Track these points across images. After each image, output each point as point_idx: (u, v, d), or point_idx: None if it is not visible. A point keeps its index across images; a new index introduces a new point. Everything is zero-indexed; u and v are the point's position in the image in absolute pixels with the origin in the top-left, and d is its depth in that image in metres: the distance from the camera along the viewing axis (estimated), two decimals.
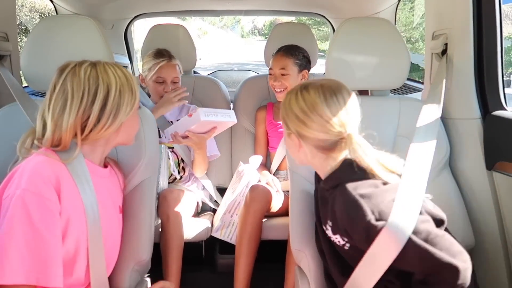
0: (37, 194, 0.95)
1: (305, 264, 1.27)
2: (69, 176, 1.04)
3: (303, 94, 1.06)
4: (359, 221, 0.94)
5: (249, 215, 1.74)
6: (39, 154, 1.03)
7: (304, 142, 1.07)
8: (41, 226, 0.94)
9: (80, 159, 1.07)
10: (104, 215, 1.11)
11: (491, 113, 1.43)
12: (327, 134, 1.03)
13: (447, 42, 1.52)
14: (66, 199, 1.01)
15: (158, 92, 1.93)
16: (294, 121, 1.06)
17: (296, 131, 1.07)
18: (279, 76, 1.97)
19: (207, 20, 20.92)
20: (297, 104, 1.06)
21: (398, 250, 0.91)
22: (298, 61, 1.97)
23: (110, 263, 1.18)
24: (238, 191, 1.84)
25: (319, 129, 1.03)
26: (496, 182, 1.39)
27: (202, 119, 1.63)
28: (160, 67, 1.91)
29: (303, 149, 1.09)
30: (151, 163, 1.35)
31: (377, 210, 0.94)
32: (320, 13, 3.03)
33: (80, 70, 1.05)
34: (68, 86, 1.04)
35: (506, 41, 2.34)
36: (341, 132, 1.02)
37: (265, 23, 23.74)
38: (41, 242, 0.94)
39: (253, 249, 1.75)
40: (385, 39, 1.51)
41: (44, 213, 0.95)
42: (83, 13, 2.59)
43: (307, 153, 1.09)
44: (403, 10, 5.84)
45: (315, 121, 1.03)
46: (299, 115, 1.05)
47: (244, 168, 1.90)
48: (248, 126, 2.21)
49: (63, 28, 1.40)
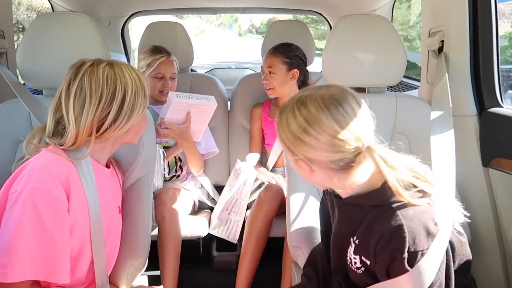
0: (47, 193, 0.95)
1: (302, 260, 1.27)
2: (77, 175, 1.04)
3: (302, 111, 0.89)
4: (396, 246, 0.85)
5: (261, 214, 1.74)
6: (49, 151, 1.03)
7: (315, 167, 0.92)
8: (51, 225, 0.94)
9: (87, 159, 1.07)
10: (105, 215, 1.11)
11: (487, 110, 1.43)
12: (342, 153, 0.87)
13: (443, 39, 1.52)
14: (74, 198, 1.01)
15: (156, 88, 1.94)
16: (298, 146, 0.90)
17: (304, 156, 0.91)
18: (268, 74, 2.00)
19: (205, 18, 20.87)
20: (297, 125, 0.89)
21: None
22: (288, 59, 1.98)
23: (110, 263, 1.19)
24: (235, 189, 1.84)
25: (331, 149, 0.87)
26: (492, 179, 1.40)
27: (173, 100, 1.58)
28: (160, 62, 1.92)
29: (316, 173, 0.93)
30: (148, 161, 1.35)
31: (413, 243, 0.85)
32: (317, 10, 3.04)
33: (98, 70, 1.04)
34: (86, 85, 1.02)
35: (503, 40, 2.34)
36: (358, 147, 0.87)
37: (262, 21, 23.70)
38: (51, 240, 0.95)
39: (260, 247, 1.75)
40: (382, 36, 1.51)
41: (53, 212, 0.96)
42: (80, 11, 2.57)
43: (323, 177, 0.93)
44: (400, 8, 5.83)
45: (324, 142, 0.87)
46: (303, 138, 0.88)
47: (241, 166, 1.91)
48: (246, 123, 2.21)
49: (59, 25, 1.39)
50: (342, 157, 0.88)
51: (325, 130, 0.86)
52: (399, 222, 0.86)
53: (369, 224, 0.91)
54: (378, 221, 0.89)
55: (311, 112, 0.87)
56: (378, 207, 0.91)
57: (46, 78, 1.38)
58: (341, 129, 0.86)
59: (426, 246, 0.86)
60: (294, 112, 0.90)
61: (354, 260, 0.95)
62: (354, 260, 0.95)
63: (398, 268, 0.86)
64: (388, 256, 0.87)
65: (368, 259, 0.92)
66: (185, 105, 1.69)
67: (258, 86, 2.26)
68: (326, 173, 0.92)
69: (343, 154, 0.87)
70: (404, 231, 0.85)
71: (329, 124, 0.86)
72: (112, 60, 1.11)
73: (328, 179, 0.93)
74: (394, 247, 0.85)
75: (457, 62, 1.49)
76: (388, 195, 0.89)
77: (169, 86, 1.94)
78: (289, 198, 1.36)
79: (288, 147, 0.93)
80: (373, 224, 0.90)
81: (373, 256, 0.90)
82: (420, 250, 0.85)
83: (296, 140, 0.90)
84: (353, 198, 0.95)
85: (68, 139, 1.02)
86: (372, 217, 0.91)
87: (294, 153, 0.92)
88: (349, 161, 0.89)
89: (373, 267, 0.92)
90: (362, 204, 0.94)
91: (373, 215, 0.91)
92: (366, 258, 0.92)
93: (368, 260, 0.92)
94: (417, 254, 0.85)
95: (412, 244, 0.85)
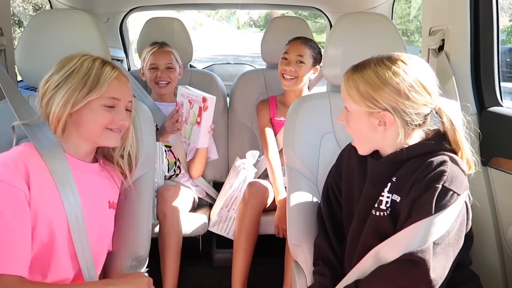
0: (5, 182, 0.98)
1: (302, 259, 1.28)
2: (44, 167, 1.06)
3: (390, 61, 0.98)
4: (435, 176, 0.93)
5: (247, 211, 1.75)
6: (20, 146, 1.10)
7: (399, 119, 0.98)
8: (7, 212, 0.96)
9: (56, 152, 1.09)
10: (90, 208, 1.12)
11: (487, 109, 1.44)
12: (425, 107, 0.97)
13: (444, 38, 1.52)
14: (36, 188, 1.02)
15: (151, 79, 1.94)
16: (392, 96, 0.95)
17: (392, 107, 0.96)
18: (294, 63, 1.90)
19: (203, 11, 20.74)
20: (387, 69, 0.96)
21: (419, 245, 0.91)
22: (315, 54, 1.94)
23: (98, 258, 1.19)
24: (235, 186, 1.84)
25: (423, 101, 0.96)
26: (491, 178, 1.40)
27: (179, 87, 1.77)
28: (153, 53, 1.94)
29: (392, 128, 0.99)
30: (148, 159, 1.34)
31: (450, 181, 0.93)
32: (317, 6, 3.02)
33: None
34: None
35: (501, 34, 2.33)
36: (435, 105, 0.98)
37: (260, 15, 23.58)
38: (7, 228, 0.96)
39: (251, 243, 1.76)
40: (382, 34, 1.51)
41: (10, 200, 0.98)
42: (78, 7, 2.56)
43: (392, 133, 1.00)
44: (399, 2, 5.81)
45: (421, 93, 0.95)
46: (402, 87, 0.95)
47: (241, 163, 1.91)
48: (245, 120, 2.21)
49: (58, 23, 1.38)
50: (425, 112, 0.98)
51: (423, 83, 0.96)
52: (445, 159, 0.95)
53: (415, 162, 0.99)
54: (426, 158, 0.97)
55: (400, 62, 0.97)
56: (426, 155, 0.98)
57: (45, 75, 1.37)
58: (430, 84, 0.97)
59: (458, 191, 0.93)
60: (382, 62, 0.98)
61: (385, 200, 1.01)
62: (384, 201, 1.01)
63: (425, 200, 0.92)
64: (424, 185, 0.94)
65: (400, 195, 0.99)
66: (188, 96, 1.75)
67: (258, 83, 2.25)
68: (403, 129, 0.98)
69: (428, 108, 0.97)
70: (447, 166, 0.94)
71: (424, 78, 0.96)
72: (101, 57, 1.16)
73: (395, 135, 0.99)
74: (433, 177, 0.93)
75: (457, 61, 1.48)
76: (439, 146, 0.99)
77: (164, 76, 1.93)
78: (289, 196, 1.36)
79: (370, 97, 0.98)
80: (421, 160, 0.98)
81: (408, 188, 0.97)
82: (453, 190, 0.92)
83: (384, 86, 0.96)
84: (400, 152, 1.01)
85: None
86: (418, 159, 0.99)
87: (378, 102, 0.97)
88: (422, 119, 0.99)
89: (400, 205, 0.98)
90: (411, 156, 1.00)
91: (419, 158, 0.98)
92: (398, 195, 0.99)
93: (399, 197, 0.99)
94: (448, 192, 0.92)
95: (449, 181, 0.93)
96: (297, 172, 1.38)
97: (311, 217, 1.29)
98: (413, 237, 0.92)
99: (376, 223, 1.03)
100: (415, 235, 0.91)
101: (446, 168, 0.94)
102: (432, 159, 0.96)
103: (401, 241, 0.94)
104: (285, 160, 1.43)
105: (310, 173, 1.38)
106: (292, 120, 1.42)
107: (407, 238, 0.92)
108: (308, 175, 1.38)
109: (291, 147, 1.39)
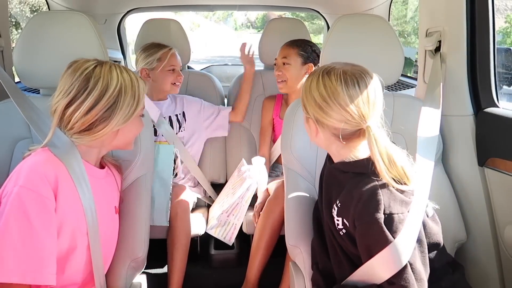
0: (34, 191, 0.96)
1: (300, 260, 1.29)
2: (67, 175, 1.04)
3: (324, 79, 1.02)
4: (371, 210, 0.93)
5: (274, 213, 1.72)
6: (41, 151, 1.04)
7: (321, 129, 1.05)
8: (37, 223, 0.94)
9: (77, 159, 1.07)
10: (100, 215, 1.11)
11: (484, 110, 1.44)
12: (346, 124, 1.00)
13: (440, 39, 1.53)
14: (62, 198, 1.01)
15: (169, 80, 1.96)
16: (313, 107, 1.03)
17: (314, 117, 1.04)
18: (281, 66, 1.96)
19: (200, 13, 20.74)
20: (317, 90, 1.02)
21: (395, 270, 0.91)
22: (303, 52, 1.94)
23: (106, 263, 1.19)
24: (239, 194, 1.83)
25: (338, 118, 1.00)
26: (487, 178, 1.41)
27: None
28: (171, 55, 1.96)
29: (320, 135, 1.07)
30: (146, 161, 1.35)
31: (388, 206, 0.94)
32: (314, 8, 3.03)
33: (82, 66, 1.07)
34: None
35: (497, 35, 2.33)
36: (360, 123, 0.99)
37: (257, 16, 23.64)
38: (37, 239, 0.95)
39: (272, 243, 1.74)
40: (379, 36, 1.51)
41: (40, 210, 0.96)
42: (76, 8, 2.55)
43: (324, 140, 1.07)
44: (395, 3, 5.82)
45: (334, 110, 0.99)
46: (319, 101, 1.02)
47: (246, 170, 1.88)
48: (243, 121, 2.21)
49: (56, 24, 1.38)
50: (346, 128, 1.00)
51: (338, 101, 0.99)
52: (375, 186, 0.96)
53: (349, 189, 1.01)
54: (358, 186, 0.98)
55: (332, 82, 1.00)
56: (359, 175, 1.01)
57: (43, 77, 1.37)
58: (351, 104, 0.98)
59: (401, 211, 0.94)
60: (318, 78, 1.03)
61: (337, 222, 1.04)
62: (337, 222, 1.04)
63: (377, 232, 0.92)
64: (366, 217, 0.94)
65: (348, 222, 1.00)
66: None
67: (255, 84, 2.25)
68: (328, 137, 1.05)
69: (347, 125, 1.00)
70: (380, 194, 0.94)
71: (343, 97, 0.98)
72: (110, 62, 1.11)
73: (328, 142, 1.07)
74: (371, 209, 0.93)
75: (454, 62, 1.49)
76: (370, 167, 0.99)
77: (181, 77, 1.99)
78: (286, 197, 1.36)
79: (304, 105, 1.07)
80: (353, 189, 0.99)
81: (352, 220, 0.98)
82: (395, 213, 0.93)
83: (313, 102, 1.03)
84: (341, 164, 1.07)
85: None
86: (353, 183, 1.01)
87: (308, 112, 1.06)
88: (350, 133, 1.02)
89: (352, 231, 0.99)
90: (347, 170, 1.05)
91: (354, 182, 1.01)
92: (347, 220, 1.00)
93: (348, 223, 1.00)
94: (393, 217, 0.93)
95: (388, 207, 0.93)
96: (294, 173, 1.39)
97: (309, 218, 1.30)
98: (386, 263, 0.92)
99: (339, 238, 1.06)
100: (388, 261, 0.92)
101: (379, 197, 0.94)
102: (363, 189, 0.97)
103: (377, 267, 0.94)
104: (283, 161, 1.44)
105: (307, 174, 1.38)
106: (289, 121, 1.42)
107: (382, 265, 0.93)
108: (306, 176, 1.38)
109: (289, 148, 1.40)
